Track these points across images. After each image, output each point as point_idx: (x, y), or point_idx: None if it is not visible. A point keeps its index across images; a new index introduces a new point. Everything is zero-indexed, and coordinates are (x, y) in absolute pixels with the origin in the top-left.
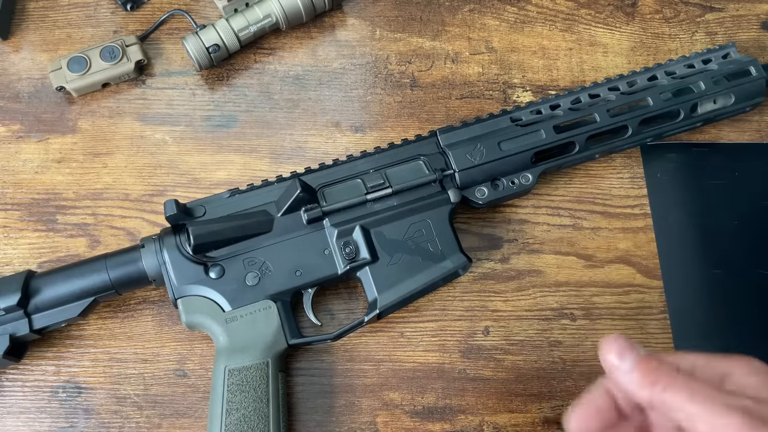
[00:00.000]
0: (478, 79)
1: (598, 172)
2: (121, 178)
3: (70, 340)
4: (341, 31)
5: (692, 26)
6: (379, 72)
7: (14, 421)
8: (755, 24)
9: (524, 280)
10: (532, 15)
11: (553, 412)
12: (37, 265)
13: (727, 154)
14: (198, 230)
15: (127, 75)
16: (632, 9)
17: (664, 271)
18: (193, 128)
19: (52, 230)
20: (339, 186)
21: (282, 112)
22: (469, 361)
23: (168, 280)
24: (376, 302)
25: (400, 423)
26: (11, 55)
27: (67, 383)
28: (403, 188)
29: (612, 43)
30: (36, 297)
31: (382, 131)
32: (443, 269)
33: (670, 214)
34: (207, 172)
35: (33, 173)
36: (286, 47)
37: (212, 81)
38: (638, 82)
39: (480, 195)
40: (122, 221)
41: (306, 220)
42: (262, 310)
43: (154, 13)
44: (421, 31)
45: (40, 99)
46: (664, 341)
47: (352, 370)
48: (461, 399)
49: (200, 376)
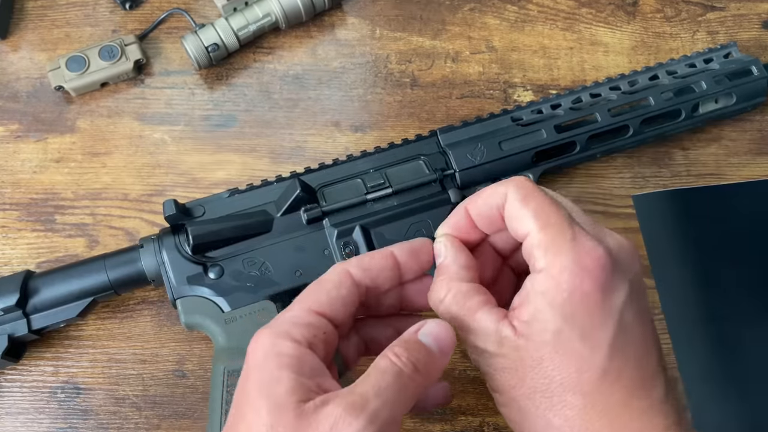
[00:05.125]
0: (478, 78)
1: (599, 171)
2: (119, 178)
3: (68, 341)
4: (341, 30)
5: (693, 25)
6: (379, 71)
7: (13, 421)
8: (756, 23)
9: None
10: (533, 14)
11: None
12: (35, 265)
13: (724, 199)
14: (197, 230)
15: (125, 74)
16: (633, 8)
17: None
18: (192, 128)
19: (51, 230)
20: (339, 186)
21: (281, 111)
22: (469, 362)
23: (167, 280)
24: None
25: None
26: (10, 54)
27: (65, 384)
28: (404, 188)
29: (613, 42)
30: (34, 297)
31: (382, 131)
32: None
33: (668, 264)
34: (206, 171)
35: (31, 173)
36: (285, 46)
37: (211, 80)
38: (639, 81)
39: None
40: (121, 221)
41: (306, 220)
42: (261, 310)
43: (153, 13)
44: (422, 30)
45: (38, 98)
46: (665, 342)
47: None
48: (461, 399)
49: (199, 377)
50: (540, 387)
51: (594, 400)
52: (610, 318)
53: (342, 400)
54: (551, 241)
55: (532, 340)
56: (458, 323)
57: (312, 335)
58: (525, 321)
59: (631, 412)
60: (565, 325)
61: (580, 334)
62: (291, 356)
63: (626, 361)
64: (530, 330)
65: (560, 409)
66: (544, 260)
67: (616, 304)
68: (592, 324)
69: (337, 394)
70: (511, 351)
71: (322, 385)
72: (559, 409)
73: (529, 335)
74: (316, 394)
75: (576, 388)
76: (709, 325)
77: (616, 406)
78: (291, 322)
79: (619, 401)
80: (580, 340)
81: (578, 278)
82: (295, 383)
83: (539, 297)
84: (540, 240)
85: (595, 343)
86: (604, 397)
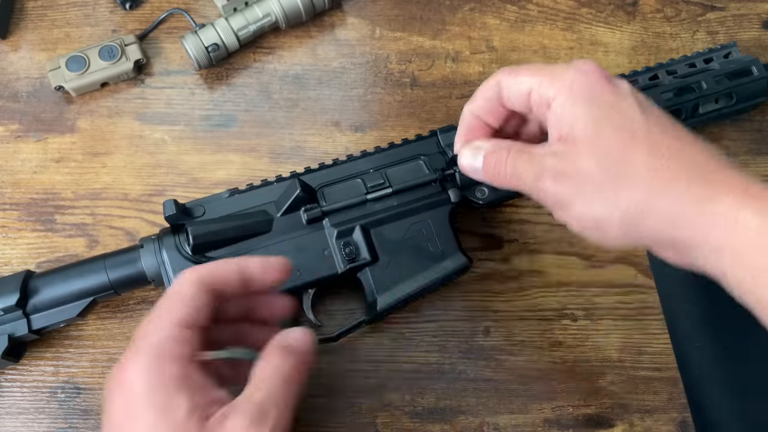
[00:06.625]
0: (478, 78)
1: None
2: (119, 178)
3: (68, 341)
4: (341, 30)
5: (693, 25)
6: (379, 71)
7: (13, 421)
8: (756, 23)
9: (525, 280)
10: (533, 14)
11: (554, 412)
12: (35, 265)
13: None
14: (197, 230)
15: (126, 74)
16: (633, 8)
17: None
18: (192, 128)
19: (51, 230)
20: (339, 186)
21: (281, 111)
22: (469, 362)
23: (167, 280)
24: (376, 303)
25: (400, 424)
26: (10, 54)
27: (65, 384)
28: (404, 188)
29: (613, 42)
30: (35, 297)
31: (382, 131)
32: (443, 269)
33: (668, 265)
34: (206, 171)
35: (31, 173)
36: (285, 46)
37: (211, 80)
38: (639, 81)
39: (480, 195)
40: (121, 221)
41: (306, 220)
42: None
43: (153, 12)
44: (422, 30)
45: (38, 98)
46: (665, 342)
47: (352, 371)
48: (461, 400)
49: None
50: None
51: (648, 143)
52: (624, 97)
53: (243, 412)
54: (552, 76)
55: (580, 136)
56: (520, 170)
57: (191, 350)
58: (565, 131)
59: (682, 145)
60: (592, 109)
61: (608, 110)
62: (181, 377)
63: (658, 118)
64: (573, 132)
65: (634, 168)
66: (553, 88)
67: (625, 88)
68: (614, 101)
69: (234, 406)
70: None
71: (214, 398)
72: (634, 168)
73: (574, 139)
74: (212, 408)
75: (635, 147)
76: (709, 325)
77: (666, 142)
78: (170, 341)
79: (668, 141)
80: (610, 109)
81: (584, 76)
82: (192, 404)
83: (564, 108)
84: (541, 81)
85: (623, 107)
86: (653, 138)
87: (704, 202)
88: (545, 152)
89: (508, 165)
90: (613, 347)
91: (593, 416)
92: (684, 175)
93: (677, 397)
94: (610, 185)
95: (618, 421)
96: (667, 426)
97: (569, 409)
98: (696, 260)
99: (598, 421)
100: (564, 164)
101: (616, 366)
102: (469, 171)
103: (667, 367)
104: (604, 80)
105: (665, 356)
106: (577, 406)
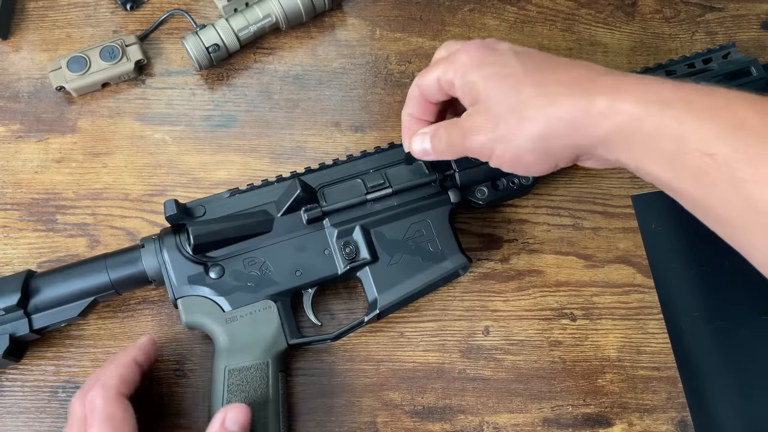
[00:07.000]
0: None
1: (599, 171)
2: (120, 178)
3: (69, 340)
4: (341, 30)
5: (692, 26)
6: (379, 72)
7: (14, 421)
8: (755, 24)
9: (524, 280)
10: (532, 15)
11: (553, 412)
12: (36, 265)
13: None
14: (198, 230)
15: (126, 75)
16: (632, 9)
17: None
18: (192, 128)
19: (52, 230)
20: (339, 186)
21: (282, 111)
22: (469, 361)
23: (168, 280)
24: (376, 302)
25: (400, 423)
26: (11, 54)
27: (66, 383)
28: (404, 188)
29: (612, 42)
30: (36, 297)
31: (382, 131)
32: (443, 269)
33: (667, 264)
34: (207, 171)
35: (32, 173)
36: (285, 47)
37: (212, 81)
38: None
39: (480, 195)
40: (122, 221)
41: (306, 220)
42: (262, 310)
43: (154, 13)
44: (421, 31)
45: (39, 99)
46: (664, 341)
47: (352, 370)
48: (461, 399)
49: (200, 377)
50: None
51: (529, 79)
52: (503, 53)
53: None
54: (447, 62)
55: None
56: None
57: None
58: (472, 97)
59: (559, 71)
60: (482, 71)
61: (494, 67)
62: None
63: (533, 58)
64: (475, 95)
65: (525, 101)
66: (451, 70)
67: (503, 46)
68: (496, 59)
69: None
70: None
71: None
72: (525, 101)
73: (478, 99)
74: None
75: (520, 86)
76: (709, 325)
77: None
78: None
79: (545, 72)
80: (495, 66)
81: (470, 52)
82: None
83: (463, 81)
84: (444, 69)
85: (504, 61)
86: (533, 74)
87: (588, 105)
88: (464, 117)
89: (443, 138)
90: (612, 347)
91: (592, 415)
92: (566, 90)
93: (676, 396)
94: (514, 121)
95: (617, 420)
96: (666, 425)
97: (568, 408)
98: (608, 159)
99: (597, 421)
100: (478, 120)
101: (615, 365)
102: (422, 155)
103: (666, 367)
104: (485, 48)
105: (664, 355)
106: (576, 405)
